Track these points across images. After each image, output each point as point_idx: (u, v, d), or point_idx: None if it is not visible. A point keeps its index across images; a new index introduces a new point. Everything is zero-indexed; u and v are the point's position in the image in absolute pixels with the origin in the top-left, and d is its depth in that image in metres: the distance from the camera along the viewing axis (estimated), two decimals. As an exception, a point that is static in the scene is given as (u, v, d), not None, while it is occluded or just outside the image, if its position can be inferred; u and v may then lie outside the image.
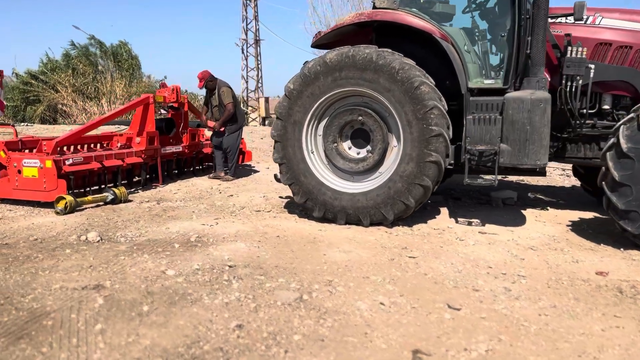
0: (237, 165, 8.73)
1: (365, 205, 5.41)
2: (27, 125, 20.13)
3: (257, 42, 32.28)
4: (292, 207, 6.45)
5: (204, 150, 8.94)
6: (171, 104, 8.35)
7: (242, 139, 8.98)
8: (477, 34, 5.83)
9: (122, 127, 14.11)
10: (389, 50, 5.26)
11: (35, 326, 2.88)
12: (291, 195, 7.28)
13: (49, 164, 5.93)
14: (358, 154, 5.67)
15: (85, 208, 6.03)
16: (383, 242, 4.86)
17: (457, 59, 5.34)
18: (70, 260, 4.09)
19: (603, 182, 4.69)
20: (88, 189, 6.73)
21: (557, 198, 7.26)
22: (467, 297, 3.54)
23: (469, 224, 5.64)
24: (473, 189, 7.56)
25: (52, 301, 3.22)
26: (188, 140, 8.43)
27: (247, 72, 35.45)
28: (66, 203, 5.70)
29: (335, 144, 5.62)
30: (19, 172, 6.08)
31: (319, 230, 5.31)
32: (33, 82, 29.41)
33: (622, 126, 4.57)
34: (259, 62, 32.39)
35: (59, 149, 6.56)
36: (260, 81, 34.04)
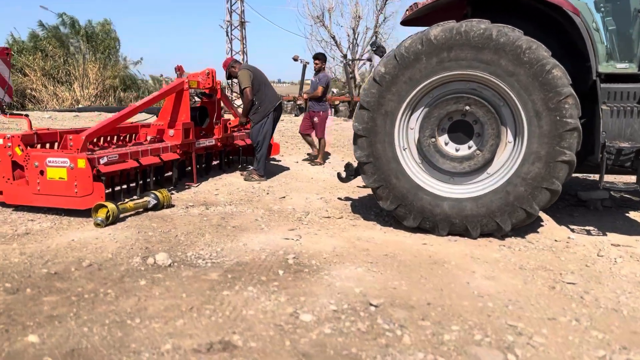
0: (265, 161, 7.36)
1: (475, 214, 4.53)
2: None
3: (242, 24, 30.79)
4: (361, 210, 5.55)
5: (234, 142, 7.82)
6: (203, 91, 7.20)
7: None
8: (603, 8, 4.95)
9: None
10: (509, 26, 4.35)
11: None
12: (350, 195, 6.39)
13: (81, 163, 4.82)
14: (457, 150, 4.78)
15: (126, 217, 4.96)
16: (515, 261, 4.00)
17: (588, 38, 4.47)
18: (155, 299, 3.08)
19: None
20: (117, 189, 5.65)
21: (644, 197, 6.52)
22: None
23: (588, 232, 4.83)
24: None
25: (178, 377, 2.24)
26: (221, 132, 7.27)
27: (231, 56, 33.78)
28: (108, 212, 4.62)
29: (433, 139, 4.70)
30: (42, 173, 4.95)
31: (422, 243, 4.42)
32: (-1, 64, 27.42)
33: None
34: (245, 46, 30.95)
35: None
36: (245, 66, 32.43)
